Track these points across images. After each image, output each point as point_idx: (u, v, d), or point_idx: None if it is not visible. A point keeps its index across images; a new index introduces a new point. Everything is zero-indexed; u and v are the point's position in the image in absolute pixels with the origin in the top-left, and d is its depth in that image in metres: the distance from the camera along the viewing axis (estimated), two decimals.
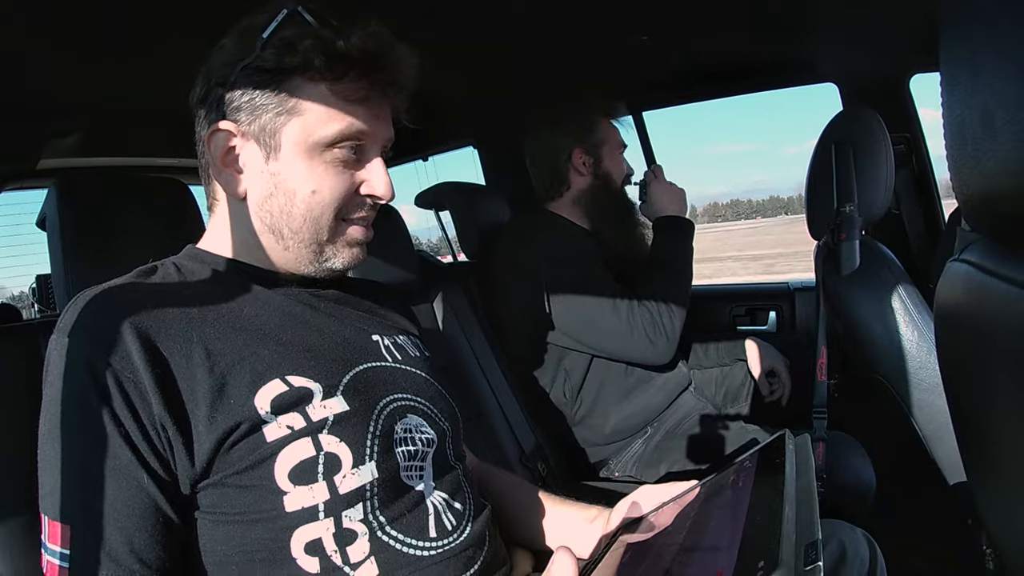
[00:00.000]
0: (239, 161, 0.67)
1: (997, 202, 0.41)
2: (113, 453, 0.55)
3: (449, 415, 0.76)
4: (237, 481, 0.58)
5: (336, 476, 0.60)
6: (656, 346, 1.36)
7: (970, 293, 0.47)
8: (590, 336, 1.40)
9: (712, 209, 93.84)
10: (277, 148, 0.66)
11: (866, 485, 1.30)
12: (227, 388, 0.59)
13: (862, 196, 1.15)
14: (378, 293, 0.86)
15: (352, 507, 0.60)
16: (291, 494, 0.58)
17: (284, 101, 0.64)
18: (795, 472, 0.50)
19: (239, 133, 0.66)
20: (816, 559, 0.38)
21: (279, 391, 0.61)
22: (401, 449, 0.66)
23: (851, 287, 1.14)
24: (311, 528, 0.59)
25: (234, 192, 0.68)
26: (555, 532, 0.83)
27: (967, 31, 0.41)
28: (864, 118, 1.18)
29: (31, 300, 2.74)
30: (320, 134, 0.65)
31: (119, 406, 0.55)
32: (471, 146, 2.23)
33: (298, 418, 0.60)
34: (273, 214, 0.68)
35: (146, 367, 0.56)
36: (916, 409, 1.06)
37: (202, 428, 0.58)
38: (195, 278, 0.68)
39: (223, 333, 0.62)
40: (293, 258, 0.70)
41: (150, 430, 0.56)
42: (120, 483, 0.55)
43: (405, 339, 0.80)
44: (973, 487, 0.59)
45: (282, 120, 0.65)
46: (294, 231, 0.68)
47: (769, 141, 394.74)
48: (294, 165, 0.66)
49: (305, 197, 0.67)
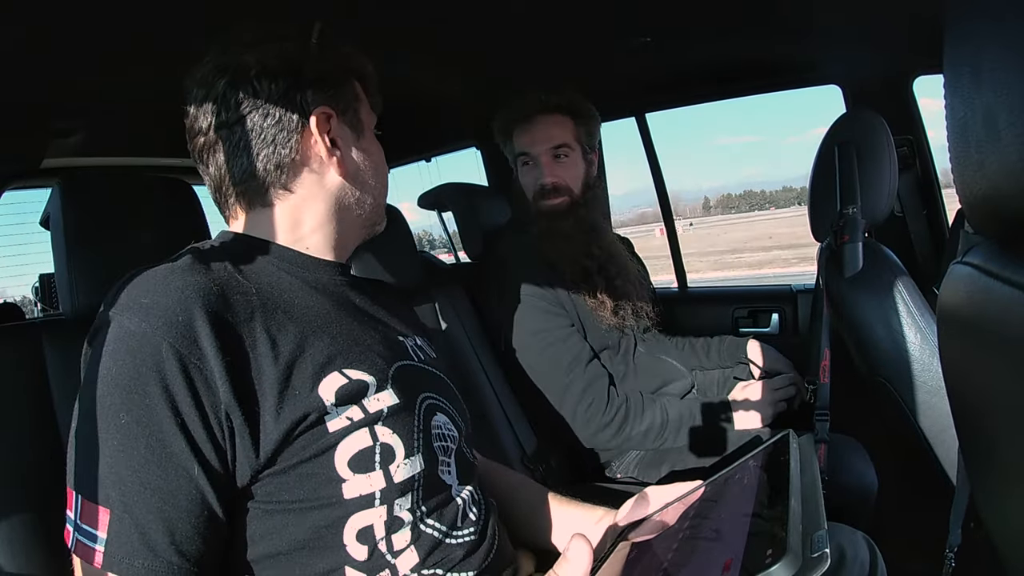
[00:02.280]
0: (338, 141, 0.72)
1: (1000, 204, 0.41)
2: (165, 441, 0.54)
3: (463, 415, 0.79)
4: (299, 469, 0.59)
5: (391, 465, 0.62)
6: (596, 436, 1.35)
7: (973, 296, 0.47)
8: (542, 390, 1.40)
9: (725, 200, 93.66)
10: (360, 127, 0.75)
11: (868, 487, 1.30)
12: (292, 379, 0.60)
13: (865, 198, 1.15)
14: (391, 294, 0.87)
15: (403, 496, 0.63)
16: (350, 481, 0.60)
17: (355, 92, 0.75)
18: (800, 469, 0.51)
19: (336, 113, 0.72)
20: (823, 547, 0.39)
21: (341, 383, 0.62)
22: (437, 444, 0.69)
23: (854, 289, 1.14)
24: (366, 515, 0.61)
25: (342, 172, 0.73)
26: (560, 532, 0.83)
27: (971, 28, 0.41)
28: (867, 120, 1.18)
29: (33, 300, 2.74)
30: (371, 120, 0.78)
31: (180, 392, 0.54)
32: (474, 147, 2.24)
33: (356, 410, 0.62)
34: (364, 185, 0.75)
35: (216, 353, 0.56)
36: (918, 412, 1.06)
37: (269, 418, 0.58)
38: (249, 266, 0.67)
39: (282, 323, 0.62)
40: (360, 226, 0.78)
41: (212, 420, 0.56)
42: (169, 472, 0.54)
43: (423, 341, 0.82)
44: (975, 489, 0.59)
45: (357, 104, 0.75)
46: (376, 197, 0.78)
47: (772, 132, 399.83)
48: (370, 142, 0.77)
49: (380, 167, 0.78)
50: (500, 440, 1.36)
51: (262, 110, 0.68)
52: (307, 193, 0.72)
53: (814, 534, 0.41)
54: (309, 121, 0.69)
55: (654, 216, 7.89)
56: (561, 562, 0.55)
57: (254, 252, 0.69)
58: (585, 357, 1.37)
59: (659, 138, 2.08)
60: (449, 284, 1.54)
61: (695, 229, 45.36)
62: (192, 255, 0.64)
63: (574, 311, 1.42)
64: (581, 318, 1.43)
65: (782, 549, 0.39)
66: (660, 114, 2.02)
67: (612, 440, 1.35)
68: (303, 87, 0.69)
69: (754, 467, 0.59)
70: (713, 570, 0.45)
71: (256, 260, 0.68)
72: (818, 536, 0.41)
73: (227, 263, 0.65)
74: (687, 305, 2.06)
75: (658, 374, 1.53)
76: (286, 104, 0.68)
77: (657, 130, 2.07)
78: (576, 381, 1.34)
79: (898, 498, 1.33)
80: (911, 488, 1.30)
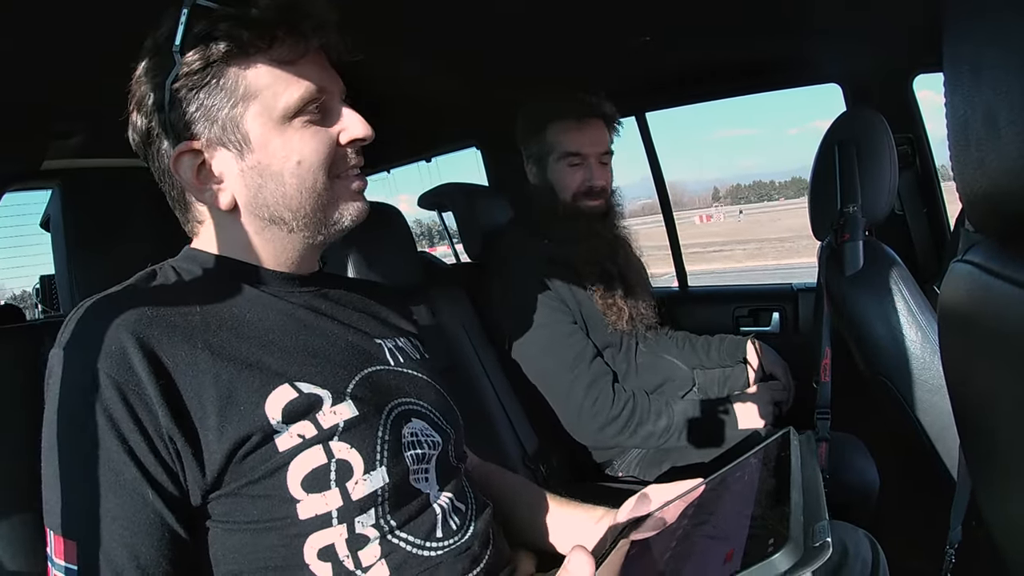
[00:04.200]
0: (215, 173, 0.65)
1: (1001, 202, 0.41)
2: (117, 469, 0.54)
3: (451, 418, 0.76)
4: (250, 491, 0.58)
5: (348, 482, 0.60)
6: (602, 431, 1.35)
7: (973, 294, 0.47)
8: (543, 389, 1.41)
9: (735, 191, 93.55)
10: (247, 140, 0.63)
11: (870, 485, 1.30)
12: (235, 396, 0.58)
13: (866, 197, 1.15)
14: (378, 294, 0.85)
15: (364, 512, 0.61)
16: (304, 502, 0.58)
17: (232, 92, 0.62)
18: (801, 463, 0.51)
19: (203, 146, 0.64)
20: (824, 536, 0.39)
21: (289, 398, 0.60)
22: (409, 453, 0.66)
23: (854, 288, 1.14)
24: (324, 534, 0.59)
25: (224, 204, 0.66)
26: (560, 533, 0.83)
27: (971, 27, 0.40)
28: (868, 119, 1.17)
29: (34, 300, 2.74)
30: (282, 107, 0.63)
31: (123, 420, 0.54)
32: (474, 147, 2.24)
33: (308, 426, 0.60)
34: (269, 205, 0.65)
35: (150, 378, 0.55)
36: (919, 410, 1.06)
37: (212, 437, 0.57)
38: (196, 283, 0.66)
39: (227, 340, 0.61)
40: (301, 238, 0.68)
41: (157, 443, 0.55)
42: (125, 499, 0.54)
43: (406, 342, 0.79)
44: (977, 487, 0.59)
45: (239, 111, 0.63)
46: (294, 210, 0.66)
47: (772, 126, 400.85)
48: (270, 147, 0.64)
49: (293, 170, 0.64)
50: (501, 440, 1.36)
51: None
52: (219, 222, 0.68)
53: (815, 524, 0.41)
54: (172, 169, 0.65)
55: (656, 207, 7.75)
56: (561, 573, 0.53)
57: (206, 269, 0.68)
58: (589, 354, 1.37)
59: (657, 131, 2.08)
60: (449, 284, 1.54)
61: (745, 216, 45.27)
62: (136, 280, 0.65)
63: (577, 309, 1.42)
64: (584, 316, 1.43)
65: (783, 538, 0.39)
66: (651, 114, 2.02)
67: (617, 436, 1.35)
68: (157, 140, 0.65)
69: (755, 464, 0.59)
70: (714, 563, 0.45)
71: (207, 276, 0.67)
72: (819, 526, 0.41)
73: (174, 283, 0.65)
74: (688, 304, 2.07)
75: (659, 372, 1.53)
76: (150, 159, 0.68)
77: (655, 124, 2.07)
78: (581, 377, 1.35)
79: (899, 496, 1.33)
80: (912, 486, 1.30)
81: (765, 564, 0.39)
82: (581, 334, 1.39)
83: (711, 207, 70.59)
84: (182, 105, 0.62)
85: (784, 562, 0.38)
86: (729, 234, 6.00)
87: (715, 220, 43.86)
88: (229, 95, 0.62)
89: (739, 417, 1.37)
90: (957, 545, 0.80)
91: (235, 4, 0.61)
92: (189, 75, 0.61)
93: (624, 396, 1.35)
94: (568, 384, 1.35)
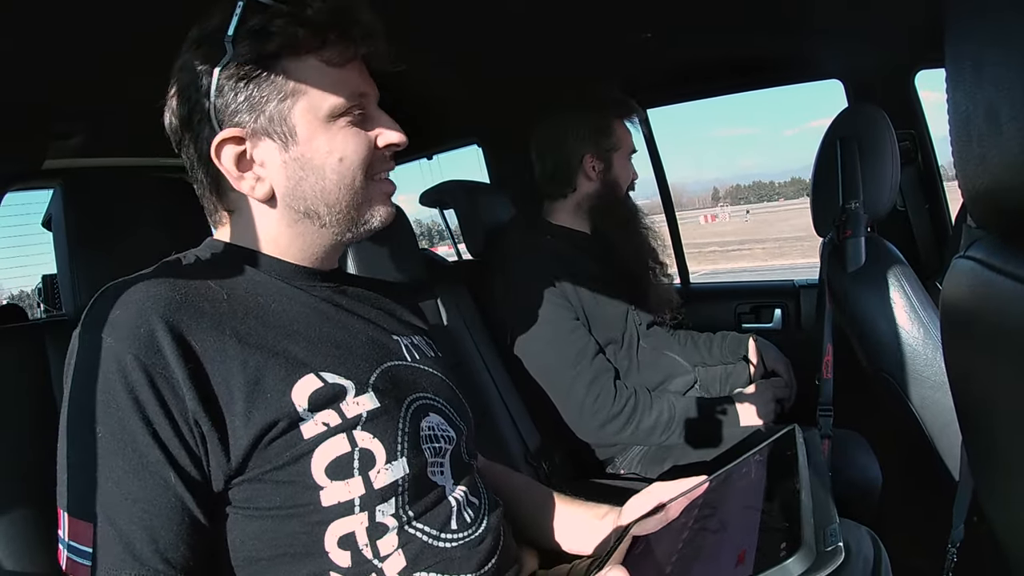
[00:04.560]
0: (256, 161, 0.66)
1: (1003, 198, 0.41)
2: (140, 451, 0.55)
3: (464, 414, 0.78)
4: (274, 477, 0.59)
5: (371, 471, 0.61)
6: (603, 428, 1.35)
7: (975, 290, 0.47)
8: (545, 386, 1.41)
9: (735, 191, 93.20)
10: (292, 133, 0.65)
11: (872, 482, 1.30)
12: (263, 382, 0.59)
13: (867, 193, 1.14)
14: (391, 292, 0.86)
15: (385, 501, 0.62)
16: (328, 489, 0.59)
17: (282, 86, 0.64)
18: (808, 462, 0.51)
19: (247, 134, 0.65)
20: (836, 541, 0.40)
21: (315, 387, 0.61)
22: (428, 446, 0.68)
23: (856, 284, 1.14)
24: (346, 522, 0.60)
25: (262, 194, 0.67)
26: (566, 531, 0.83)
27: (973, 25, 0.40)
28: (869, 115, 1.17)
29: (37, 300, 2.75)
30: (328, 106, 0.65)
31: (149, 402, 0.55)
32: (475, 144, 2.24)
33: (333, 415, 0.61)
34: (307, 197, 0.67)
35: (179, 361, 0.56)
36: (921, 406, 1.06)
37: (239, 423, 0.57)
38: (222, 272, 0.67)
39: (254, 328, 0.62)
40: (331, 235, 0.70)
41: (182, 427, 0.56)
42: (146, 481, 0.55)
43: (420, 339, 0.81)
44: (979, 484, 0.59)
45: (287, 105, 0.64)
46: (331, 204, 0.68)
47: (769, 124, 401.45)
48: (314, 142, 0.66)
49: (335, 166, 0.66)
50: (503, 437, 1.36)
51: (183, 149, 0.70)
52: (251, 212, 0.70)
53: (827, 528, 0.41)
54: (212, 156, 0.66)
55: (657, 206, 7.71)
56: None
57: (231, 259, 0.69)
58: (591, 351, 1.37)
59: (656, 130, 2.07)
60: (451, 281, 1.54)
61: (752, 216, 45.13)
62: (163, 265, 0.65)
63: (579, 305, 1.42)
64: (587, 312, 1.43)
65: (796, 542, 0.39)
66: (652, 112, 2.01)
67: (619, 433, 1.34)
68: (199, 126, 0.66)
69: (759, 461, 0.59)
70: (726, 562, 0.45)
71: (232, 267, 0.68)
72: (831, 530, 0.41)
73: (199, 270, 0.66)
74: (690, 301, 2.06)
75: (661, 369, 1.53)
76: (185, 145, 0.69)
77: (653, 122, 2.07)
78: (583, 373, 1.35)
79: (902, 493, 1.33)
80: (915, 483, 1.30)
81: (779, 569, 0.38)
82: (584, 330, 1.39)
83: (716, 207, 70.38)
84: (230, 94, 0.63)
85: (797, 567, 0.38)
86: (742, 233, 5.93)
87: (720, 220, 43.68)
88: (278, 89, 0.64)
89: (741, 414, 1.37)
90: (959, 544, 0.79)
91: (291, 2, 0.63)
92: (240, 66, 0.62)
93: (625, 393, 1.35)
94: (570, 381, 1.35)
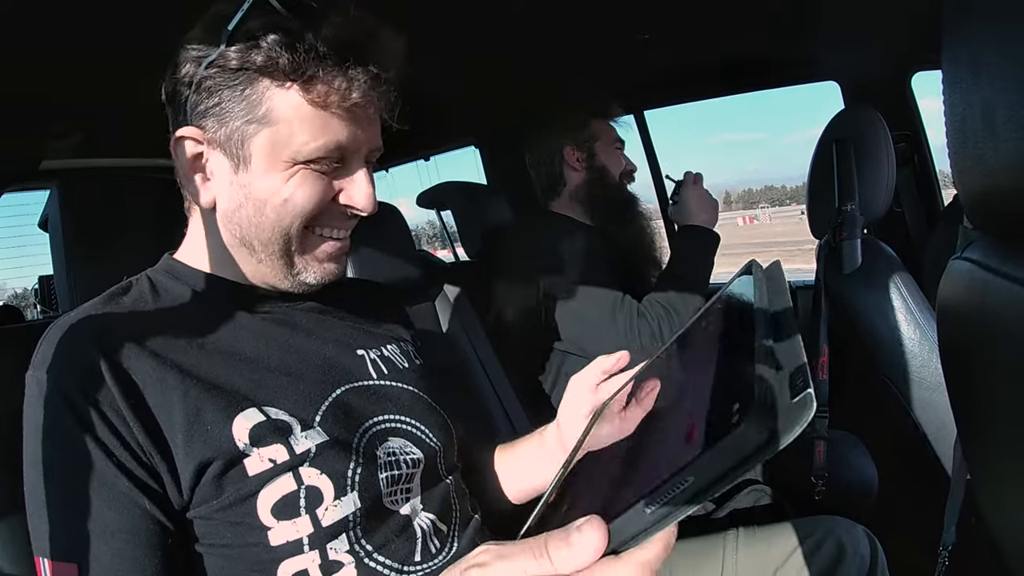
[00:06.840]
0: (207, 169, 0.62)
1: (999, 200, 0.41)
2: (109, 482, 0.53)
3: (441, 428, 0.73)
4: (223, 516, 0.57)
5: (318, 509, 0.58)
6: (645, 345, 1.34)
7: (972, 291, 0.47)
8: (589, 343, 1.39)
9: (747, 195, 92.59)
10: (247, 160, 0.60)
11: (868, 483, 1.30)
12: (202, 416, 0.57)
13: (864, 195, 1.15)
14: (371, 296, 0.83)
15: (336, 538, 0.59)
16: (275, 529, 0.57)
17: (253, 107, 0.58)
18: (767, 299, 0.41)
19: (205, 140, 0.60)
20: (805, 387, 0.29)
21: (257, 420, 0.58)
22: (384, 475, 0.64)
23: (853, 286, 1.14)
24: (297, 561, 0.58)
25: (205, 202, 0.63)
26: (518, 475, 0.82)
27: (970, 27, 0.41)
28: (865, 116, 1.18)
29: (33, 300, 2.74)
30: (293, 151, 0.58)
31: (105, 435, 0.53)
32: (472, 146, 2.24)
33: (280, 450, 0.58)
34: (243, 226, 0.62)
35: (122, 395, 0.54)
36: (918, 407, 1.06)
37: (181, 456, 0.56)
38: (170, 297, 0.65)
39: (196, 359, 0.59)
40: (268, 271, 0.65)
41: (141, 456, 0.54)
42: (122, 511, 0.53)
43: (394, 348, 0.76)
44: (975, 485, 0.59)
45: (252, 129, 0.58)
46: (264, 243, 0.63)
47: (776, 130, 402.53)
48: (266, 176, 0.60)
49: (275, 206, 0.60)
50: (498, 437, 1.35)
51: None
52: (202, 219, 0.66)
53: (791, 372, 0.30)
54: (172, 146, 0.62)
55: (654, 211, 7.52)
56: (560, 546, 0.36)
57: (178, 283, 0.66)
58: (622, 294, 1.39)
59: (658, 132, 2.08)
60: (449, 283, 1.53)
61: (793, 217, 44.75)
62: (108, 295, 0.63)
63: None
64: None
65: (748, 402, 0.29)
66: (663, 108, 2.02)
67: None
68: (176, 110, 0.62)
69: (718, 311, 0.48)
70: (673, 449, 0.35)
71: (178, 292, 0.65)
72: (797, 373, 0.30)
73: (146, 298, 0.64)
74: None
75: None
76: (175, 109, 0.63)
77: (656, 124, 2.07)
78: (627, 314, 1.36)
79: (898, 493, 1.34)
80: (911, 483, 1.30)
81: (731, 438, 0.28)
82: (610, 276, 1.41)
83: (755, 208, 69.89)
84: (204, 93, 0.59)
85: (756, 431, 0.28)
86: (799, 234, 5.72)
87: (762, 221, 42.88)
88: (249, 110, 0.58)
89: None
90: (951, 546, 0.79)
91: (301, 16, 0.57)
92: (222, 68, 0.57)
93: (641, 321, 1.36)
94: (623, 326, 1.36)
